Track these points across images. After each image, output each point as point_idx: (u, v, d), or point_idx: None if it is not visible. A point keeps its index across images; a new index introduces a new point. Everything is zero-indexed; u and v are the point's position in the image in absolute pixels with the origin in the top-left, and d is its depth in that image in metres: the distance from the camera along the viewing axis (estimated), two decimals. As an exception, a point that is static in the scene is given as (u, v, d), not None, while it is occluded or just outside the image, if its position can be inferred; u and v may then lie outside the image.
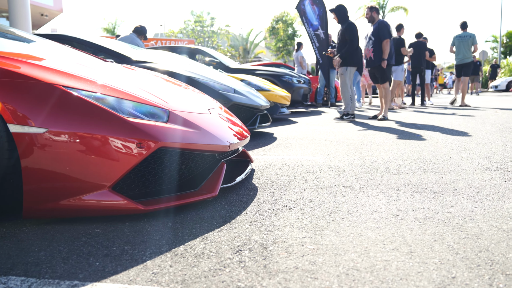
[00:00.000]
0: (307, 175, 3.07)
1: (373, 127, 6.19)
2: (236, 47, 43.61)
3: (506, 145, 4.20)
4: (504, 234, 1.82)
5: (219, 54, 10.50)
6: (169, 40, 27.00)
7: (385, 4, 41.06)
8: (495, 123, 6.31)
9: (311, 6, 13.00)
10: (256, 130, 5.85)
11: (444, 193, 2.51)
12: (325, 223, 2.01)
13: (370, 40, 7.35)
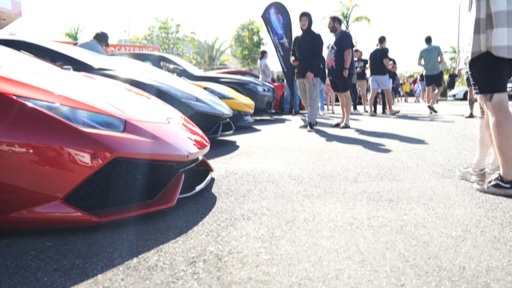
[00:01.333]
0: (267, 184, 3.08)
1: (334, 135, 6.29)
2: (201, 54, 43.48)
3: (460, 153, 4.34)
4: (453, 241, 1.88)
5: (184, 61, 10.45)
6: (133, 46, 26.68)
7: (349, 14, 41.90)
8: (451, 131, 6.52)
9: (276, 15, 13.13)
10: (218, 139, 5.84)
11: (398, 201, 2.57)
12: (282, 233, 2.02)
13: (332, 49, 7.44)
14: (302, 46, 7.11)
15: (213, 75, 10.16)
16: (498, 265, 1.62)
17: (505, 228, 2.04)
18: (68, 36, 36.49)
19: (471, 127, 7.25)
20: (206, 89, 7.02)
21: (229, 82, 9.25)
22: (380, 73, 11.28)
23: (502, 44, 2.54)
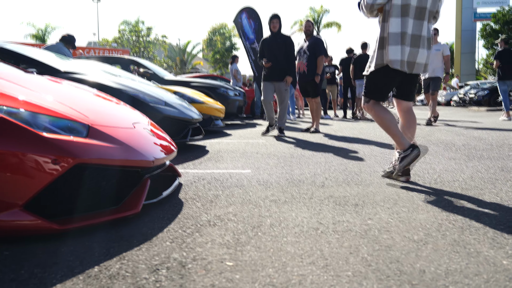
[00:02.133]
0: (235, 189, 3.08)
1: (304, 140, 6.34)
2: (173, 58, 43.20)
3: (426, 158, 4.43)
4: (415, 245, 1.91)
5: (154, 65, 10.37)
6: (103, 49, 26.29)
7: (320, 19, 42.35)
8: (418, 136, 6.65)
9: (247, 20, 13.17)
10: (188, 143, 5.80)
11: (364, 205, 2.61)
12: (247, 239, 2.02)
13: (304, 54, 7.42)
14: (273, 49, 6.88)
15: (183, 79, 10.11)
16: (457, 268, 1.65)
17: (465, 232, 2.09)
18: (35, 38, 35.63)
19: (437, 132, 7.42)
20: (176, 93, 6.97)
21: (200, 86, 9.22)
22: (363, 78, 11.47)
23: (396, 59, 3.07)
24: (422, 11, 3.08)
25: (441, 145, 5.51)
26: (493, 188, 3.03)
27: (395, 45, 3.07)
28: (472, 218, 2.31)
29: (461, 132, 7.33)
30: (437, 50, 9.02)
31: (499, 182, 3.21)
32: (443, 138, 6.29)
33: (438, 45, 9.16)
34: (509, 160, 4.16)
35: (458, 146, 5.31)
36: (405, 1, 3.04)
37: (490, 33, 29.29)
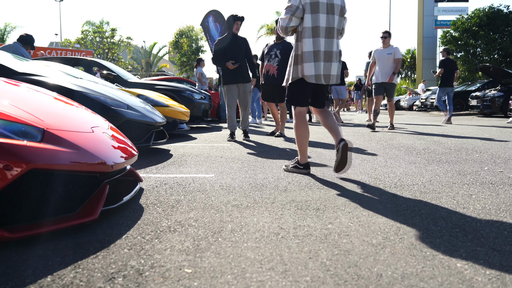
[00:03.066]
0: (197, 194, 3.05)
1: (269, 145, 6.35)
2: (138, 60, 42.61)
3: (387, 162, 4.52)
4: (373, 249, 1.93)
5: (118, 67, 10.20)
6: (65, 50, 25.65)
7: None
8: (380, 140, 6.78)
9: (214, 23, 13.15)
10: (151, 147, 5.72)
11: (325, 209, 2.63)
12: (207, 244, 1.99)
13: (276, 57, 7.28)
14: (234, 50, 6.77)
15: (148, 82, 9.97)
16: (413, 271, 1.68)
17: (422, 235, 2.13)
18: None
19: (399, 136, 7.58)
20: (140, 96, 6.87)
21: (165, 89, 9.12)
22: (340, 83, 12.14)
23: (311, 74, 3.59)
24: (331, 31, 3.61)
25: (402, 149, 5.63)
26: (450, 191, 3.11)
27: (310, 62, 3.58)
28: (429, 221, 2.36)
29: (422, 136, 7.51)
30: (389, 54, 8.81)
31: (456, 186, 3.29)
32: (405, 142, 6.43)
33: (389, 48, 8.87)
34: (466, 164, 4.29)
35: (419, 150, 5.44)
36: (315, 23, 3.54)
37: (450, 40, 30.15)
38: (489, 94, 15.48)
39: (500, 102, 14.84)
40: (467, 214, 2.49)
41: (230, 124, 7.02)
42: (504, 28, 28.27)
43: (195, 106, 9.36)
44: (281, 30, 3.64)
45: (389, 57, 8.75)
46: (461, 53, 30.10)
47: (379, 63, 8.95)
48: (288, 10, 3.57)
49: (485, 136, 7.41)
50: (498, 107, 14.95)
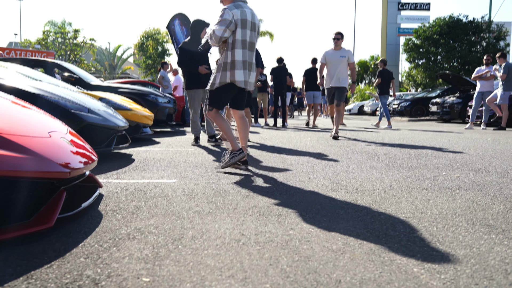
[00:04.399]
0: (159, 200, 3.00)
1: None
2: (102, 62, 41.80)
3: (349, 167, 4.58)
4: (333, 255, 1.95)
5: (80, 69, 9.97)
6: (25, 51, 24.87)
7: (253, 28, 42.69)
8: (343, 146, 6.88)
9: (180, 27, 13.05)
10: (113, 152, 5.61)
11: (287, 215, 2.63)
12: (167, 252, 1.96)
13: None
14: (199, 55, 6.68)
15: (111, 85, 9.80)
16: (371, 277, 1.70)
17: (381, 240, 2.16)
18: None
19: (362, 142, 7.71)
20: (102, 99, 6.74)
21: (128, 92, 8.98)
22: (316, 89, 12.67)
23: (241, 79, 4.14)
24: (252, 45, 4.26)
25: (365, 154, 5.72)
26: (409, 196, 3.17)
27: (240, 70, 4.13)
28: (388, 226, 2.41)
29: (384, 141, 7.67)
30: (342, 56, 8.08)
31: (415, 191, 3.37)
32: (367, 148, 6.54)
33: (342, 51, 8.16)
34: (425, 169, 4.40)
35: (380, 156, 5.54)
36: (244, 37, 4.13)
37: (412, 47, 30.99)
38: (449, 101, 15.97)
39: (458, 109, 15.33)
40: (425, 219, 2.55)
41: (194, 129, 6.96)
42: (463, 37, 29.28)
43: (159, 110, 9.25)
44: (215, 39, 4.05)
45: (342, 60, 8.07)
46: (423, 60, 30.99)
47: (330, 66, 8.18)
48: (223, 23, 4.02)
49: (444, 141, 7.63)
50: (457, 113, 15.44)
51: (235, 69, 4.10)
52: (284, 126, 12.68)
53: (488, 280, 1.68)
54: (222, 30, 4.01)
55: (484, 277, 1.71)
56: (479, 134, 9.66)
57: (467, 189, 3.44)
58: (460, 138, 8.43)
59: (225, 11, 4.05)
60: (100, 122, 4.77)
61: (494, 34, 29.75)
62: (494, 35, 29.76)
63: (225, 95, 4.25)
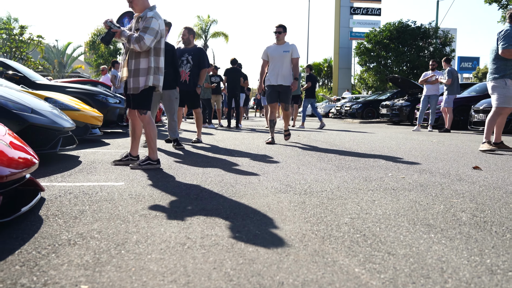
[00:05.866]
0: (104, 203, 2.92)
1: (186, 151, 6.28)
2: (50, 60, 40.38)
3: (299, 168, 4.64)
4: (277, 257, 1.96)
5: (25, 67, 9.59)
6: (-34, 47, 23.62)
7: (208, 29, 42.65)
8: (295, 147, 6.96)
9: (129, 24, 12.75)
10: (59, 153, 5.43)
11: (235, 217, 2.63)
12: (108, 258, 1.91)
13: (188, 63, 7.25)
14: None
15: (58, 84, 9.48)
16: (313, 278, 1.72)
17: (325, 241, 2.19)
18: None
19: (314, 143, 7.83)
20: (48, 99, 6.50)
21: (77, 92, 8.71)
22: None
23: (159, 84, 4.44)
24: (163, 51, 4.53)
25: (315, 155, 5.81)
26: (355, 197, 3.24)
27: (161, 76, 4.48)
28: (333, 227, 2.45)
29: (334, 143, 7.81)
30: (285, 51, 7.36)
31: (361, 192, 3.45)
32: (318, 149, 6.64)
33: (286, 46, 7.43)
34: (373, 170, 4.51)
35: (330, 157, 5.64)
36: (161, 45, 4.46)
37: (364, 51, 31.76)
38: (398, 104, 16.48)
39: (407, 111, 15.85)
40: (369, 220, 2.61)
41: None
42: (412, 42, 30.29)
43: (109, 110, 9.02)
44: (143, 47, 4.22)
45: (285, 56, 7.35)
46: (374, 64, 31.81)
47: (273, 62, 7.45)
48: (152, 32, 4.24)
49: (392, 143, 7.86)
50: (406, 116, 15.96)
51: (158, 75, 4.43)
52: (238, 127, 12.69)
53: (425, 278, 1.73)
54: (151, 40, 4.24)
55: (421, 275, 1.76)
56: (425, 136, 10.02)
57: (411, 189, 3.55)
58: (407, 140, 8.72)
59: (153, 20, 4.26)
60: (44, 123, 4.60)
61: (440, 40, 30.96)
62: (440, 41, 30.97)
63: (151, 97, 4.51)
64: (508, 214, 2.75)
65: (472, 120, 11.47)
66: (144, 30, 4.22)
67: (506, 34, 6.03)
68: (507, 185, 3.74)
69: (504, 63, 6.15)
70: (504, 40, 6.02)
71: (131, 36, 4.25)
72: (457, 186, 3.69)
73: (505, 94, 6.19)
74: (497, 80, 6.23)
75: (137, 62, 4.35)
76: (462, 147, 7.11)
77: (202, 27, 42.37)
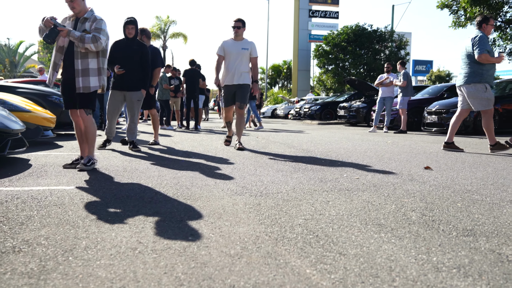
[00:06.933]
0: (53, 208, 2.83)
1: (142, 153, 6.18)
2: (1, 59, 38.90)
3: (256, 170, 4.65)
4: (230, 260, 1.95)
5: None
6: None
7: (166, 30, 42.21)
8: (253, 148, 6.97)
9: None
10: (8, 156, 5.22)
11: (189, 220, 2.60)
12: (55, 265, 1.85)
13: None
14: (127, 56, 6.43)
15: (8, 84, 9.13)
16: (265, 280, 1.72)
17: (278, 243, 2.20)
18: None
19: (272, 144, 7.87)
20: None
21: (29, 93, 8.41)
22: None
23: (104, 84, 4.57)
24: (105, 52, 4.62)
25: (273, 157, 5.84)
26: (310, 198, 3.28)
27: (104, 76, 4.57)
28: (287, 229, 2.46)
29: (292, 144, 7.88)
30: (244, 49, 6.69)
31: (317, 193, 3.49)
32: (276, 150, 6.68)
33: (245, 42, 6.75)
34: (328, 171, 4.57)
35: (287, 158, 5.68)
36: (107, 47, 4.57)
37: (322, 53, 32.27)
38: (355, 105, 16.82)
39: (364, 113, 16.20)
40: (322, 221, 2.64)
41: (107, 131, 6.69)
42: (368, 45, 31.02)
43: (63, 111, 8.70)
44: (99, 47, 4.36)
45: (244, 53, 6.68)
46: (332, 66, 32.37)
47: (229, 59, 6.72)
48: (104, 33, 4.42)
49: (348, 144, 8.01)
50: (362, 117, 16.30)
51: (104, 75, 4.57)
52: (197, 129, 12.61)
53: (373, 277, 1.77)
54: (105, 41, 4.42)
55: (370, 275, 1.79)
56: (381, 137, 10.26)
57: (365, 190, 3.62)
58: (363, 141, 8.90)
59: (103, 23, 4.46)
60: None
61: (396, 43, 31.84)
62: (396, 44, 31.85)
63: (96, 97, 4.68)
64: (455, 213, 2.85)
65: (425, 121, 11.85)
66: (98, 31, 4.35)
67: (480, 41, 6.31)
68: (455, 184, 3.88)
69: (480, 67, 6.41)
70: (478, 46, 6.29)
71: (84, 36, 4.25)
72: (408, 186, 3.80)
73: (488, 98, 6.44)
74: (477, 85, 6.46)
75: (84, 62, 4.40)
76: (415, 148, 7.33)
77: (161, 27, 41.91)
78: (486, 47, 6.26)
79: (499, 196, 3.38)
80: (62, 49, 4.42)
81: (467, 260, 1.97)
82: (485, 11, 17.15)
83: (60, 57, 4.44)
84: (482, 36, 6.34)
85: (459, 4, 17.89)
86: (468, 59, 6.51)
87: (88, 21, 4.42)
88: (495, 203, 3.14)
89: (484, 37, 6.34)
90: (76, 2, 4.35)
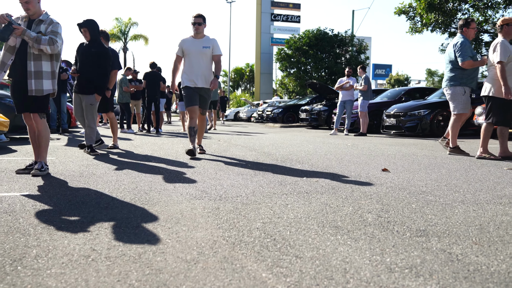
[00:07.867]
0: (3, 216, 2.73)
1: (100, 157, 6.05)
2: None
3: (217, 173, 4.63)
4: (186, 265, 1.93)
5: None
6: None
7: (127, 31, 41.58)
8: (214, 152, 6.94)
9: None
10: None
11: (145, 226, 2.56)
12: (2, 275, 1.78)
13: None
14: (84, 58, 6.32)
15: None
16: (220, 285, 1.72)
17: (235, 247, 2.20)
18: None
19: (233, 147, 7.86)
20: None
21: (-20, 95, 8.08)
22: None
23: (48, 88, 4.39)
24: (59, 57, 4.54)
25: (234, 160, 5.83)
26: (269, 202, 3.29)
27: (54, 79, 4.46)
28: (245, 233, 2.46)
29: (254, 147, 7.90)
30: (205, 47, 6.19)
31: (276, 196, 3.50)
32: (237, 153, 6.68)
33: (206, 40, 6.27)
34: (289, 174, 4.61)
35: (248, 161, 5.69)
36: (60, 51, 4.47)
37: (284, 57, 32.53)
38: (316, 108, 17.04)
39: (325, 116, 16.43)
40: (280, 224, 2.66)
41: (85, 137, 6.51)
42: (329, 49, 31.47)
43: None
44: (55, 50, 4.29)
45: (205, 52, 6.18)
46: (294, 69, 32.67)
47: (189, 59, 6.21)
48: (60, 37, 4.36)
49: (309, 146, 8.09)
50: (324, 120, 16.53)
51: (55, 79, 4.48)
52: (158, 132, 12.46)
53: (328, 280, 1.79)
54: (61, 44, 4.37)
55: (325, 277, 1.81)
56: (341, 139, 10.42)
57: (323, 192, 3.66)
58: (324, 143, 9.02)
59: (59, 26, 4.41)
60: None
61: (356, 47, 32.47)
62: (356, 49, 32.48)
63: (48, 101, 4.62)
64: (410, 214, 2.92)
65: (384, 124, 12.14)
66: (54, 34, 4.30)
67: (461, 47, 6.48)
68: (411, 186, 3.98)
69: (461, 72, 6.59)
70: (460, 53, 6.46)
71: (40, 37, 4.16)
72: (366, 188, 3.87)
73: (464, 101, 6.62)
74: (456, 88, 6.64)
75: (38, 64, 4.30)
76: (374, 150, 7.48)
77: (121, 29, 41.25)
78: (468, 53, 6.45)
79: (451, 197, 3.49)
80: (13, 49, 4.26)
81: (419, 260, 2.03)
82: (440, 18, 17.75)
83: (10, 57, 4.27)
84: (463, 41, 6.52)
85: (416, 10, 18.42)
86: (451, 64, 6.68)
87: (44, 24, 4.33)
88: (447, 204, 3.24)
89: (466, 42, 6.52)
90: (31, 3, 4.24)
